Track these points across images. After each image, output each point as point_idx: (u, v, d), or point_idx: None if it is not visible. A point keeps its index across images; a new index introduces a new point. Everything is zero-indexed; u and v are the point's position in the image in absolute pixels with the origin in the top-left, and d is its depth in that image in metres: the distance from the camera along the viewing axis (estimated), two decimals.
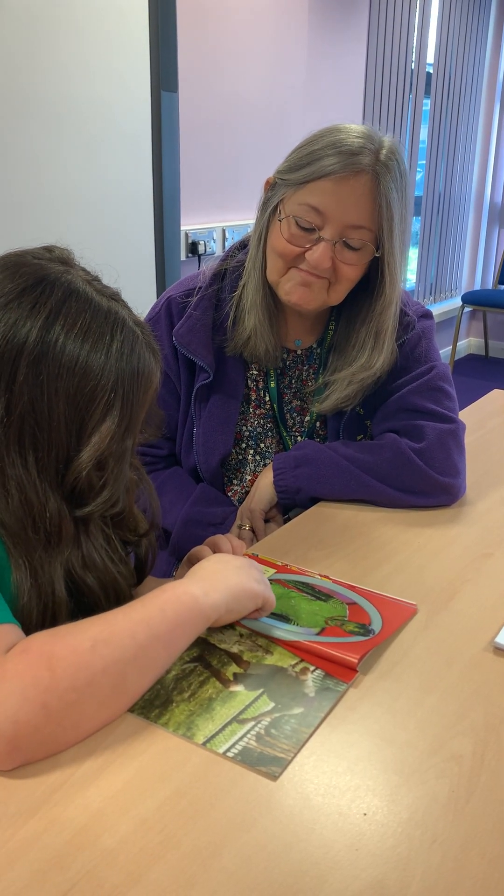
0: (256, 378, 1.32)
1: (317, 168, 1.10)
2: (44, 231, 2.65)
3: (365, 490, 1.22)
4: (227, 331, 1.27)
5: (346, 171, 1.09)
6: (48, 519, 0.80)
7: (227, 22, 2.96)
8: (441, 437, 1.22)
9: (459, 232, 5.46)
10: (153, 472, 1.35)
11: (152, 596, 0.78)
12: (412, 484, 1.21)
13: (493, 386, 2.14)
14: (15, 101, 2.24)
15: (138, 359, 0.83)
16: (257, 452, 1.34)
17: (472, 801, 0.67)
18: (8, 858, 0.59)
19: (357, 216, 1.12)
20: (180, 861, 0.60)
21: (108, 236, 2.59)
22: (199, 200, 3.02)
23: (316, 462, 1.23)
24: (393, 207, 1.11)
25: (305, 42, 3.38)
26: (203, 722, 0.74)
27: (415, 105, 4.51)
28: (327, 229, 1.12)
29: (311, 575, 1.02)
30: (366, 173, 1.09)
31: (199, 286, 1.29)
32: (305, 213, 1.12)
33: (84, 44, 2.39)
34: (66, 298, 0.80)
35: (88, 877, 0.58)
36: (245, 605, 0.86)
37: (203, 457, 1.30)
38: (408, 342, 1.27)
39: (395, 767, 0.70)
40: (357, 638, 0.87)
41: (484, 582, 1.02)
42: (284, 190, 1.15)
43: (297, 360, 1.32)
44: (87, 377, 0.79)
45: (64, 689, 0.67)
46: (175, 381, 1.31)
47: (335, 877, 0.59)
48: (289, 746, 0.72)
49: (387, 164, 1.10)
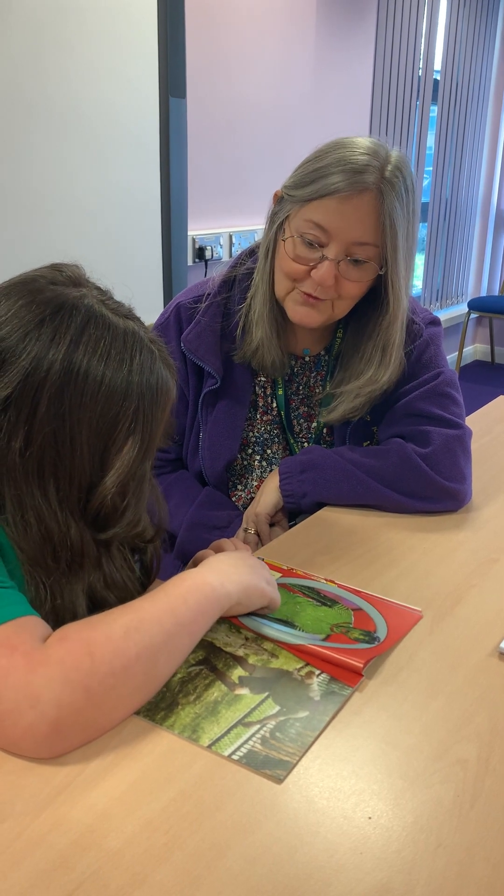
0: (264, 385, 1.32)
1: (322, 186, 1.11)
2: (51, 236, 2.66)
3: (371, 495, 1.22)
4: (235, 339, 1.28)
5: (351, 190, 1.09)
6: (69, 547, 0.81)
7: (235, 28, 2.97)
8: (447, 443, 1.22)
9: (466, 238, 5.46)
10: (160, 475, 1.36)
11: (173, 585, 0.81)
12: (418, 489, 1.21)
13: (499, 392, 2.13)
14: (23, 106, 2.25)
15: (157, 377, 0.83)
16: (263, 458, 1.34)
17: (477, 805, 0.67)
18: (13, 858, 0.60)
19: (361, 233, 1.12)
20: (185, 862, 0.60)
21: (116, 241, 2.59)
22: (206, 206, 3.03)
23: (322, 467, 1.23)
24: (397, 225, 1.11)
25: (313, 49, 3.39)
26: (208, 724, 0.75)
27: (422, 112, 4.51)
28: (332, 247, 1.13)
29: (316, 579, 1.02)
30: (370, 191, 1.10)
31: (207, 293, 1.29)
32: (310, 230, 1.13)
33: (92, 49, 2.40)
34: (86, 325, 0.79)
35: (93, 877, 0.58)
36: (254, 602, 0.89)
37: (209, 462, 1.31)
38: (416, 349, 1.27)
39: (400, 772, 0.70)
40: (362, 645, 0.87)
41: (490, 587, 1.02)
42: (291, 206, 1.16)
43: (304, 367, 1.33)
44: (109, 403, 0.79)
45: (104, 673, 0.70)
46: (184, 385, 1.31)
47: (339, 880, 0.59)
48: (294, 750, 0.72)
49: (391, 182, 1.10)
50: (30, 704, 0.66)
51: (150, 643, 0.74)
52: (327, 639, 0.88)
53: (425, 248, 4.99)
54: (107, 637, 0.72)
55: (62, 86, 2.34)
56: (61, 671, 0.68)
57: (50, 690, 0.67)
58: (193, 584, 0.82)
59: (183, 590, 0.80)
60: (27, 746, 0.68)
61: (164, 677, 0.78)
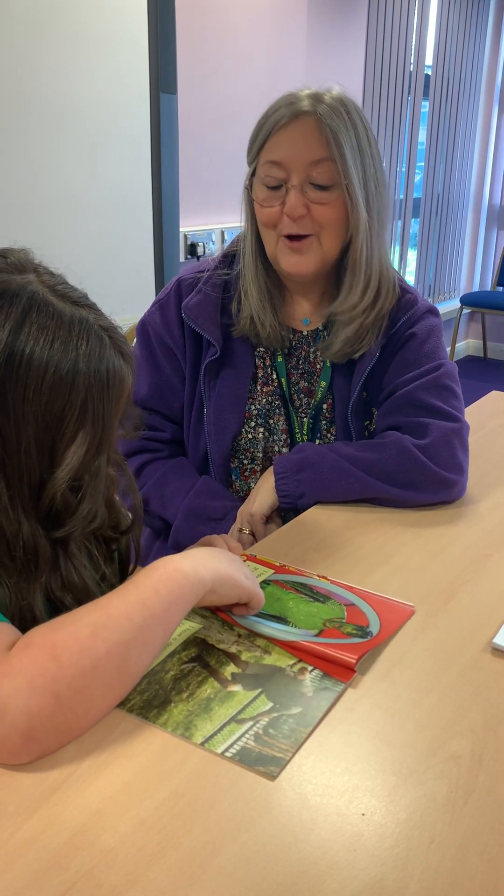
0: (263, 356, 1.33)
1: (267, 127, 1.19)
2: (43, 232, 2.65)
3: (368, 490, 1.22)
4: (232, 314, 1.30)
5: (291, 117, 1.16)
6: (22, 546, 0.78)
7: (225, 24, 2.96)
8: (446, 436, 1.23)
9: (458, 233, 5.46)
10: (156, 459, 1.35)
11: (144, 575, 0.78)
12: (416, 480, 1.21)
13: (492, 387, 2.14)
14: (14, 102, 2.24)
15: (108, 365, 0.79)
16: (266, 429, 1.34)
17: (471, 801, 0.67)
18: (6, 859, 0.59)
19: (311, 152, 1.17)
20: (179, 861, 0.60)
21: (108, 238, 2.59)
22: (197, 202, 3.03)
23: (317, 465, 1.23)
24: (342, 138, 1.16)
25: (304, 44, 3.39)
26: (201, 722, 0.74)
27: (413, 107, 4.51)
28: (292, 177, 1.18)
29: (308, 576, 1.02)
30: (308, 113, 1.16)
31: (208, 268, 1.33)
32: (269, 171, 1.19)
33: (83, 46, 2.39)
34: (28, 312, 0.75)
35: (87, 877, 0.58)
36: (230, 593, 0.86)
37: (215, 437, 1.31)
38: (417, 336, 1.28)
39: (394, 768, 0.70)
40: (355, 640, 0.87)
41: (483, 583, 1.02)
42: (253, 164, 1.22)
43: (303, 341, 1.34)
44: (55, 394, 0.75)
45: (72, 675, 0.68)
46: (181, 359, 1.32)
47: (333, 877, 0.59)
48: (287, 746, 0.72)
49: (329, 104, 1.16)
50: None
51: (120, 639, 0.72)
52: (320, 634, 0.88)
53: (417, 244, 5.00)
54: (73, 638, 0.70)
55: (53, 82, 2.33)
56: (27, 679, 0.66)
57: (17, 700, 0.65)
58: (165, 572, 0.79)
59: (154, 580, 0.78)
60: (3, 757, 0.67)
61: (140, 671, 0.76)
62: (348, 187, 1.18)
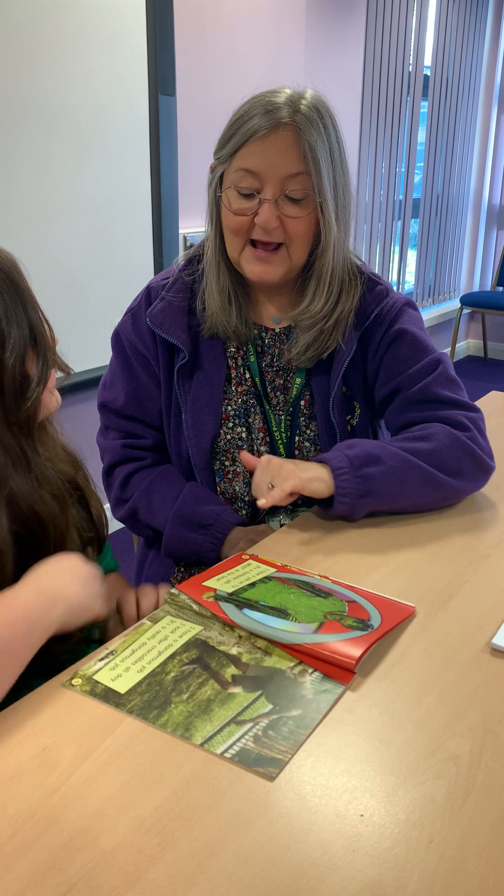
0: (235, 355, 1.32)
1: (242, 133, 1.16)
2: (43, 234, 2.66)
3: (431, 484, 1.19)
4: (198, 314, 1.30)
5: (269, 127, 1.14)
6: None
7: (224, 25, 2.97)
8: (476, 423, 1.26)
9: (458, 234, 5.46)
10: (142, 469, 1.35)
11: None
12: (464, 469, 1.21)
13: (492, 387, 2.14)
14: (14, 104, 2.24)
15: None
16: (246, 429, 1.33)
17: (469, 801, 0.67)
18: (6, 861, 0.59)
19: (287, 166, 1.15)
20: (178, 862, 0.60)
21: (107, 239, 2.59)
22: (196, 203, 3.01)
23: (382, 459, 1.17)
24: (318, 152, 1.15)
25: (303, 45, 3.39)
26: (201, 723, 0.75)
27: (412, 107, 4.52)
28: (266, 189, 1.17)
29: (310, 575, 1.02)
30: (286, 124, 1.14)
31: (172, 274, 1.32)
32: (242, 179, 1.17)
33: (82, 48, 2.39)
34: None
35: (87, 878, 0.58)
36: (80, 619, 0.88)
37: (194, 440, 1.30)
38: (407, 332, 1.28)
39: (393, 768, 0.70)
40: (356, 633, 0.87)
41: (482, 583, 1.03)
42: (222, 166, 1.20)
43: (276, 339, 1.33)
44: None
45: None
46: (155, 365, 1.32)
47: (332, 878, 0.59)
48: (286, 748, 0.72)
49: (306, 115, 1.15)
50: None
51: None
52: (321, 626, 0.88)
53: (417, 244, 5.00)
54: None
55: (52, 85, 2.33)
56: None
57: None
58: (16, 613, 0.79)
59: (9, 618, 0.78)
60: None
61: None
62: (322, 204, 1.18)
